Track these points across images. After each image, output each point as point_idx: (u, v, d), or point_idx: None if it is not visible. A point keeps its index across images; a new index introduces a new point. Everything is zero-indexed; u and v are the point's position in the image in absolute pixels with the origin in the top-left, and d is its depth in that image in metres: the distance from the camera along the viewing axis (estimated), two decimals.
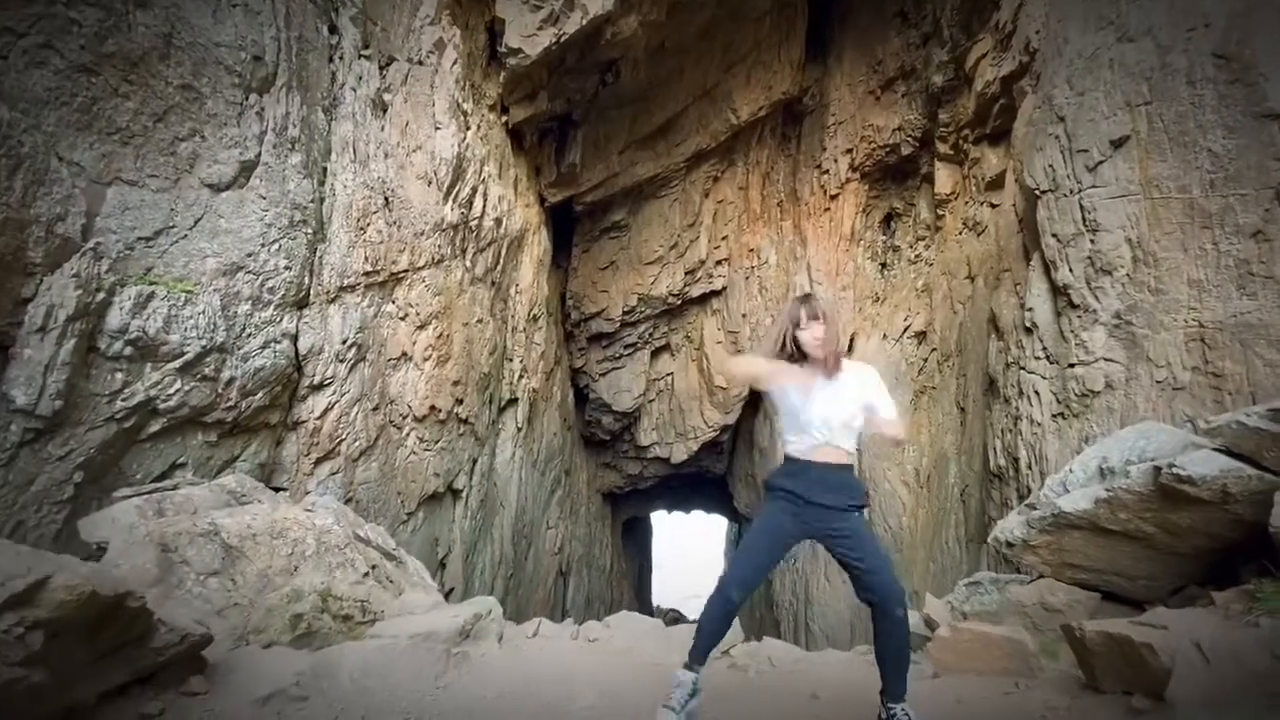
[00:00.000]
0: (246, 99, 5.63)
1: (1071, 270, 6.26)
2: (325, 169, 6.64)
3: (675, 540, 35.88)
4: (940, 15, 10.90)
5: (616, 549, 19.44)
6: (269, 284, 5.70)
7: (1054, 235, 6.49)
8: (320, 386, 6.30)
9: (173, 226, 5.07)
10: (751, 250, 15.37)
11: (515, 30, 9.44)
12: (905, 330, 11.74)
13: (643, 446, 17.06)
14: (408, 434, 7.68)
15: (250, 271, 5.53)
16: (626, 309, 15.23)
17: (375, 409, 7.00)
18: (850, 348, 12.28)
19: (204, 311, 5.10)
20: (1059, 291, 6.43)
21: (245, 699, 2.79)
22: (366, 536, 4.64)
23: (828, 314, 2.79)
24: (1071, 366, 6.16)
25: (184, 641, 2.67)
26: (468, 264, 9.04)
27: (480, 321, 9.40)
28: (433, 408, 8.04)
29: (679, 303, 15.62)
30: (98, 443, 4.47)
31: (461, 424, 8.89)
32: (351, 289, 6.72)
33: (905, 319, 11.81)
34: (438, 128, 8.13)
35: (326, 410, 6.35)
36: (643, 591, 23.34)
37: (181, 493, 4.12)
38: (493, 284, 9.94)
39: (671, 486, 19.72)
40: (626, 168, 13.42)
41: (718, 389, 15.68)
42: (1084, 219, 6.15)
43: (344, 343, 6.52)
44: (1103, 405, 5.87)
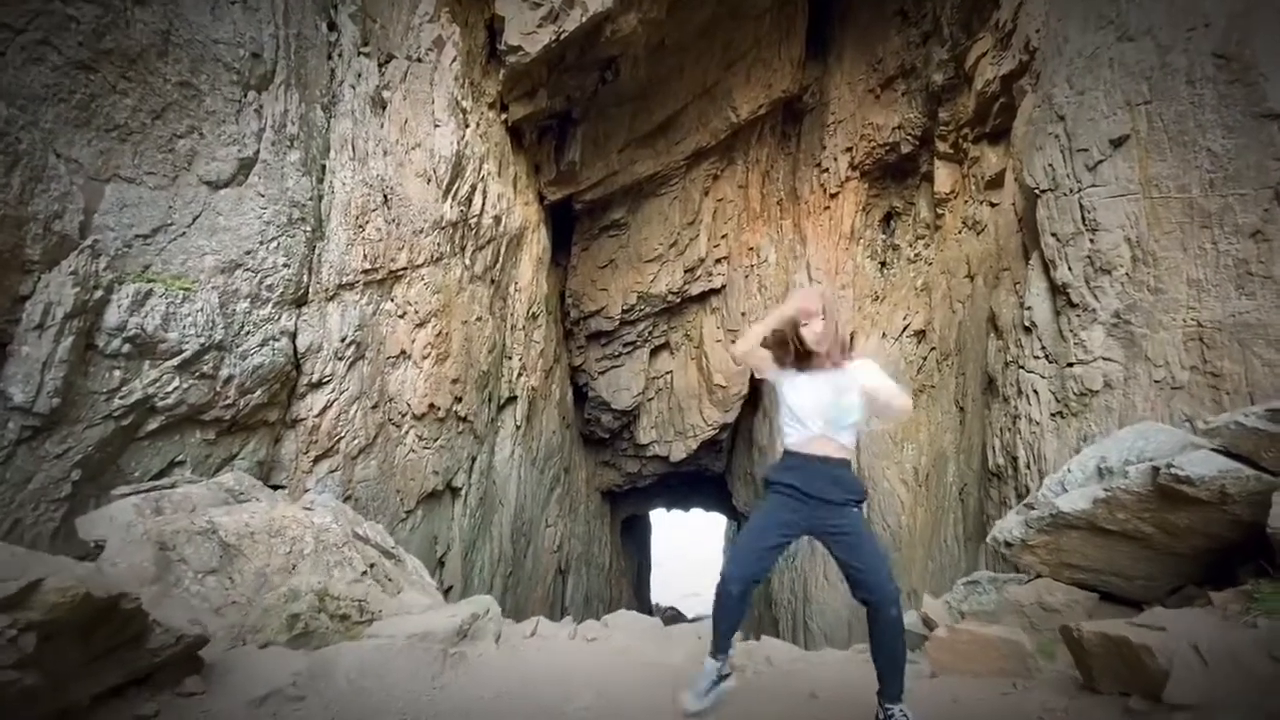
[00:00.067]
0: (245, 96, 5.62)
1: (1071, 269, 6.25)
2: (324, 166, 6.63)
3: (674, 538, 35.93)
4: (940, 14, 10.89)
5: (615, 547, 19.46)
6: (267, 282, 5.69)
7: (1053, 234, 6.49)
8: (319, 384, 6.30)
9: (171, 224, 5.06)
10: (751, 249, 15.37)
11: (515, 28, 9.42)
12: (904, 329, 11.73)
13: (642, 445, 17.07)
14: (407, 432, 7.67)
15: (249, 269, 5.53)
16: (626, 307, 15.23)
17: (374, 407, 6.99)
18: (850, 346, 12.25)
19: (202, 309, 5.09)
20: (1058, 291, 6.43)
21: (241, 699, 2.78)
22: (365, 535, 4.64)
23: (828, 309, 2.80)
24: (1070, 366, 6.16)
25: (180, 642, 2.67)
26: (467, 262, 9.02)
27: (479, 319, 9.39)
28: (432, 405, 8.03)
29: (678, 301, 15.61)
30: (95, 440, 4.46)
31: (460, 422, 8.89)
32: (350, 287, 6.71)
33: (904, 318, 11.81)
34: (437, 125, 8.11)
35: (325, 408, 6.34)
36: (641, 589, 23.37)
37: (180, 491, 4.12)
38: (492, 282, 9.92)
39: (670, 485, 19.73)
40: (626, 166, 13.40)
41: (717, 387, 15.69)
42: (1083, 218, 6.15)
43: (343, 340, 6.52)
44: (1101, 405, 5.87)
